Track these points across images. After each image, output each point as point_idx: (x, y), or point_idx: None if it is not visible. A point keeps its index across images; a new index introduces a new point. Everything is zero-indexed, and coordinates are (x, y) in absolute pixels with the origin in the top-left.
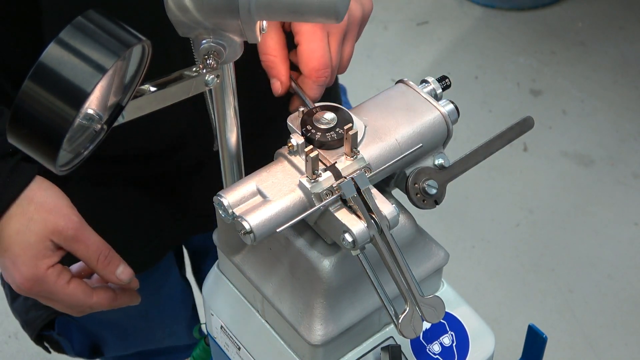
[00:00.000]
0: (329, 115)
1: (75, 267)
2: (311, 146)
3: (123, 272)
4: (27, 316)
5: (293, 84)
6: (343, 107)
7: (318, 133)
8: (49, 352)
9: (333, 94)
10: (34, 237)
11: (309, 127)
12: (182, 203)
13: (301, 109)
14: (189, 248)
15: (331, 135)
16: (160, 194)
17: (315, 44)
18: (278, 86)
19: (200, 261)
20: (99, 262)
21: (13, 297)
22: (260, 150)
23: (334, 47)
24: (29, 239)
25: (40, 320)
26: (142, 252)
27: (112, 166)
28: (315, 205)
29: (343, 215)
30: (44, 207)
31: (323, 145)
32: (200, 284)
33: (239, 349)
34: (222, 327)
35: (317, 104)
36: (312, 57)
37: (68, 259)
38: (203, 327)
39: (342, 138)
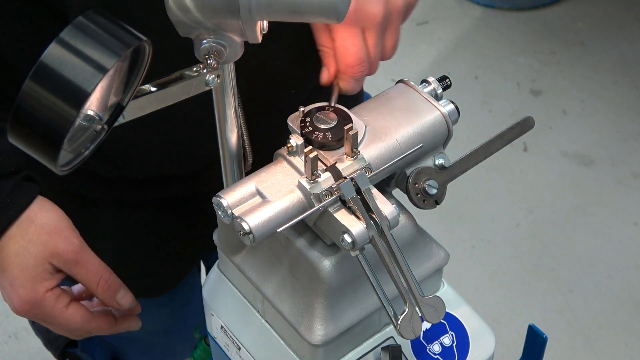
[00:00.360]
0: (329, 116)
1: (76, 288)
2: (310, 147)
3: (123, 297)
4: (50, 335)
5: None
6: (343, 108)
7: (318, 133)
8: None
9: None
10: (33, 259)
11: (309, 128)
12: (209, 222)
13: (301, 108)
14: (206, 262)
15: (331, 135)
16: (187, 215)
17: (348, 41)
18: (326, 75)
19: None
20: (99, 287)
21: None
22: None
23: (371, 41)
24: (27, 261)
25: (64, 339)
26: (170, 271)
27: (142, 189)
28: (314, 206)
29: (342, 216)
30: (44, 229)
31: (323, 146)
32: None
33: (239, 349)
34: (222, 327)
35: (318, 104)
36: (346, 54)
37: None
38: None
39: (342, 138)
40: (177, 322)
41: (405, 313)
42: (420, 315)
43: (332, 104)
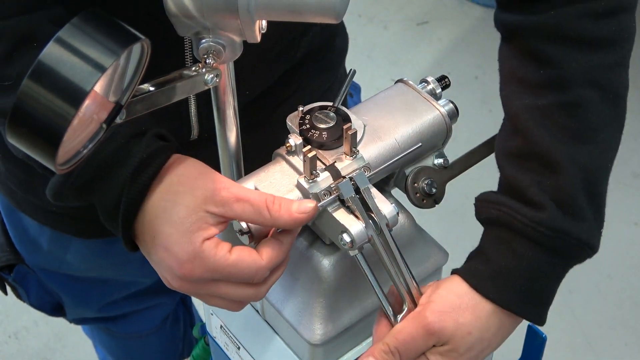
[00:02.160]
0: (328, 115)
1: None
2: (309, 146)
3: (300, 205)
4: None
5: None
6: (342, 107)
7: (317, 133)
8: (6, 293)
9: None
10: (184, 209)
11: (308, 127)
12: None
13: (300, 108)
14: None
15: (330, 134)
16: None
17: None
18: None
19: None
20: (272, 210)
21: None
22: (259, 141)
23: None
24: (178, 212)
25: None
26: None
27: None
28: None
29: (341, 216)
30: (188, 177)
31: (322, 146)
32: None
33: (239, 348)
34: (221, 326)
35: (314, 104)
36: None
37: None
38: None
39: (341, 137)
40: (111, 268)
41: (404, 312)
42: None
43: (336, 105)
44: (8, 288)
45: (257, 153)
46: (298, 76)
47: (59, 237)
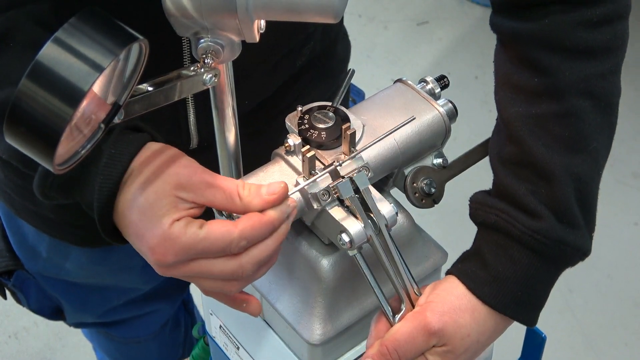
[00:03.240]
0: (327, 115)
1: None
2: (308, 146)
3: (268, 188)
4: None
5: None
6: (341, 107)
7: (316, 133)
8: (5, 298)
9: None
10: (153, 195)
11: (307, 127)
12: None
13: (299, 108)
14: None
15: (329, 134)
16: None
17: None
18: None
19: None
20: (243, 196)
21: None
22: (260, 148)
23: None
24: (147, 198)
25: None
26: None
27: None
28: (312, 206)
29: (340, 215)
30: (158, 165)
31: (321, 146)
32: None
33: (238, 348)
34: (221, 326)
35: (313, 104)
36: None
37: None
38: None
39: (340, 137)
40: (110, 275)
41: (402, 312)
42: None
43: (335, 105)
44: (8, 293)
45: (256, 160)
46: (299, 85)
47: (58, 244)
